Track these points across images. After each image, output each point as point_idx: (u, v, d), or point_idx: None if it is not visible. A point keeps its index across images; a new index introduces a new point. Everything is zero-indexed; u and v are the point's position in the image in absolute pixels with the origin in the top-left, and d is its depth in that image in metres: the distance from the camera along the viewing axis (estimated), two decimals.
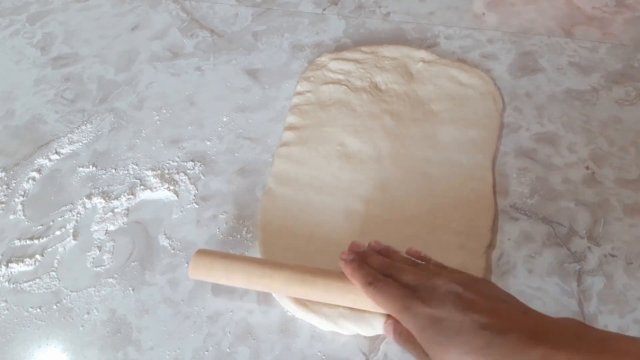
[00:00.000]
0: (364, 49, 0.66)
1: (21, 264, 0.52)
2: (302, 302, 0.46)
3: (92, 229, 0.54)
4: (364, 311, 0.44)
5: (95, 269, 0.51)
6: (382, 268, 0.42)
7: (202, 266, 0.45)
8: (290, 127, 0.59)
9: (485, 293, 0.37)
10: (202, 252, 0.46)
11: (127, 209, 0.55)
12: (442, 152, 0.55)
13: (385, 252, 0.44)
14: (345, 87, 0.61)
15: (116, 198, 0.56)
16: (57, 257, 0.53)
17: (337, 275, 0.43)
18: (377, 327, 0.44)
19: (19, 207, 0.57)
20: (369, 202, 0.52)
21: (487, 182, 0.53)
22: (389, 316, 0.43)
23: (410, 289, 0.39)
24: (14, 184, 0.59)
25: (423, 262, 0.43)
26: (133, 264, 0.52)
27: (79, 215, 0.55)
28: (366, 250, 0.44)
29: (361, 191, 0.53)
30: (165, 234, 0.53)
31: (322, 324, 0.46)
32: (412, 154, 0.55)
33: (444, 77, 0.62)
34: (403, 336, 0.40)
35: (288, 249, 0.50)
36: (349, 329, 0.45)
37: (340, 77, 0.63)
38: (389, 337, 0.42)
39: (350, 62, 0.64)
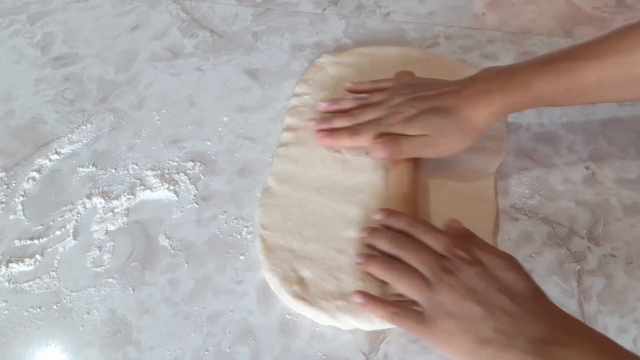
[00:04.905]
0: (362, 50, 0.66)
1: (21, 264, 0.52)
2: (300, 297, 0.46)
3: (92, 229, 0.54)
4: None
5: (95, 269, 0.52)
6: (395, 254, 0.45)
7: None
8: (289, 128, 0.59)
9: (504, 297, 0.39)
10: None
11: (127, 209, 0.55)
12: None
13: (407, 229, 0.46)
14: (343, 95, 0.61)
15: (116, 198, 0.56)
16: (57, 257, 0.53)
17: None
18: (375, 321, 0.45)
19: (19, 207, 0.57)
20: (366, 210, 0.51)
21: (489, 186, 0.53)
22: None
23: (427, 286, 0.41)
24: (14, 184, 0.59)
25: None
26: (133, 264, 0.52)
27: (79, 215, 0.55)
28: (380, 234, 0.47)
29: (358, 198, 0.52)
30: (165, 234, 0.53)
31: (320, 319, 0.46)
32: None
33: (443, 78, 0.62)
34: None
35: (288, 249, 0.50)
36: (348, 323, 0.45)
37: (339, 84, 0.62)
38: None
39: (349, 67, 0.64)
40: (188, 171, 0.58)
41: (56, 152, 0.61)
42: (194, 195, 0.56)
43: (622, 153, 0.55)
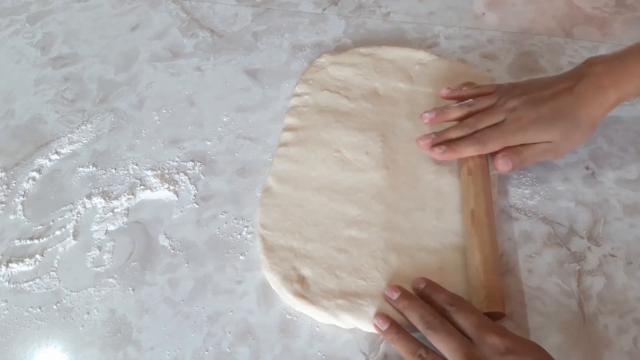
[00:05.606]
0: (362, 50, 0.66)
1: (21, 264, 0.52)
2: (301, 295, 0.47)
3: (92, 229, 0.54)
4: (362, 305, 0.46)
5: (95, 269, 0.52)
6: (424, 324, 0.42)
7: None
8: (289, 128, 0.59)
9: None
10: None
11: (127, 209, 0.55)
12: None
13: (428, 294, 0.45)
14: (343, 95, 0.61)
15: (116, 198, 0.56)
16: (57, 257, 0.53)
17: None
18: None
19: (19, 207, 0.57)
20: (367, 209, 0.52)
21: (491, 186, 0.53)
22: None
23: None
24: (14, 184, 0.59)
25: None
26: (133, 264, 0.52)
27: (79, 215, 0.55)
28: (405, 301, 0.44)
29: (358, 198, 0.52)
30: (165, 234, 0.53)
31: (321, 317, 0.46)
32: (410, 161, 0.55)
33: (443, 78, 0.62)
34: None
35: (288, 248, 0.50)
36: (348, 322, 0.45)
37: (339, 84, 0.62)
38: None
39: (349, 67, 0.64)
40: (188, 171, 0.58)
41: (56, 152, 0.61)
42: (194, 195, 0.56)
43: (622, 153, 0.55)
